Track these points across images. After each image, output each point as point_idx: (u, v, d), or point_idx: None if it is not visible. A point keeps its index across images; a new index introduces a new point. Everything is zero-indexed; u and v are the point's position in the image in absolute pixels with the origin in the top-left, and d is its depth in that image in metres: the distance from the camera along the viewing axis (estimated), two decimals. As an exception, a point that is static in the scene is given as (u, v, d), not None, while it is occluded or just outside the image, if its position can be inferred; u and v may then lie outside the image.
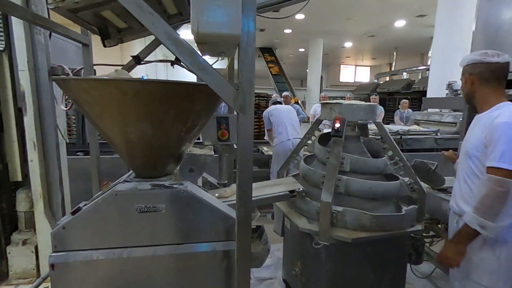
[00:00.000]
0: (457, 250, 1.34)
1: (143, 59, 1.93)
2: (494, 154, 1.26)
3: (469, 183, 1.43)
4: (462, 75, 1.50)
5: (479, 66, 1.41)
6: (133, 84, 1.06)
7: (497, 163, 1.23)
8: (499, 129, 1.26)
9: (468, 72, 1.45)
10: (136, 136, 1.23)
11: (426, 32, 11.20)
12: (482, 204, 1.26)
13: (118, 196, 1.19)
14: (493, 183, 1.23)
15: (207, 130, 1.70)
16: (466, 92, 1.49)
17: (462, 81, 1.50)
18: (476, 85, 1.43)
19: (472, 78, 1.43)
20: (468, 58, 1.46)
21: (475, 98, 1.47)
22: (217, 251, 1.28)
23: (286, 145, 3.66)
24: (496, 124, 1.29)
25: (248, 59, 0.82)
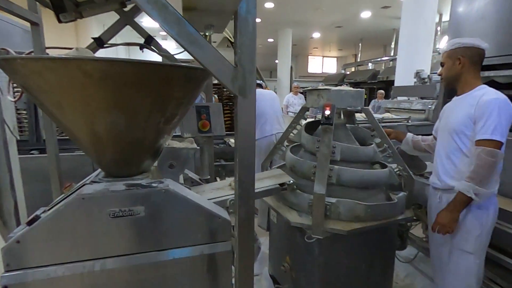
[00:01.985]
0: (451, 217, 1.43)
1: (106, 42, 1.69)
2: (486, 127, 1.36)
3: (454, 159, 1.53)
4: (449, 58, 1.55)
5: (471, 50, 1.50)
6: (99, 65, 0.86)
7: (490, 135, 1.34)
8: (490, 105, 1.37)
9: (461, 54, 1.51)
10: (104, 128, 1.03)
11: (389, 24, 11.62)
12: (476, 174, 1.36)
13: (85, 200, 1.00)
14: (486, 154, 1.34)
15: (186, 121, 1.52)
16: (453, 73, 1.55)
17: (449, 63, 1.55)
18: (466, 67, 1.51)
19: (464, 60, 1.50)
20: (461, 42, 1.52)
21: (460, 80, 1.55)
22: (205, 255, 1.14)
23: (270, 140, 3.43)
24: (486, 101, 1.39)
25: (248, 30, 0.67)
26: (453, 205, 1.43)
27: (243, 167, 0.78)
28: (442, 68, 1.62)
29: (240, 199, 0.80)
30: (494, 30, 2.05)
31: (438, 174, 1.61)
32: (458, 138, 1.50)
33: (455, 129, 1.50)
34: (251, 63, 0.70)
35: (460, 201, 1.41)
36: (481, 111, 1.39)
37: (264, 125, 3.44)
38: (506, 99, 1.40)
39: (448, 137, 1.55)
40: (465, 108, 1.47)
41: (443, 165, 1.57)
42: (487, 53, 2.09)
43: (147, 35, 1.78)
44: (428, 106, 3.89)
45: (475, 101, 1.44)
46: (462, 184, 1.40)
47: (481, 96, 1.43)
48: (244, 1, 0.64)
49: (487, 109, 1.37)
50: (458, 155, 1.51)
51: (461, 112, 1.49)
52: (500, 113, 1.35)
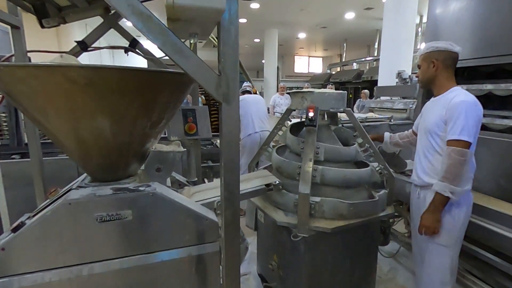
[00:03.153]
0: (434, 218, 1.50)
1: (90, 45, 1.68)
2: (455, 128, 1.44)
3: (429, 158, 1.60)
4: (424, 61, 1.62)
5: (444, 54, 1.58)
6: (85, 72, 0.88)
7: (458, 136, 1.43)
8: (458, 107, 1.45)
9: (434, 57, 1.58)
10: (90, 133, 1.04)
11: (372, 25, 11.87)
12: (449, 173, 1.43)
13: (72, 205, 1.00)
14: (455, 153, 1.42)
15: (173, 124, 1.54)
16: (428, 76, 1.62)
17: (424, 66, 1.63)
18: (439, 70, 1.59)
19: (438, 63, 1.58)
20: (435, 45, 1.59)
21: (434, 82, 1.62)
22: (193, 256, 1.17)
23: (254, 138, 3.50)
24: (455, 103, 1.47)
25: (231, 40, 0.70)
26: (433, 206, 1.50)
27: (228, 170, 0.81)
28: (419, 70, 1.69)
29: (226, 201, 0.83)
30: (469, 34, 2.15)
31: (416, 172, 1.69)
32: (432, 137, 1.58)
33: (429, 129, 1.59)
34: (234, 71, 0.73)
35: (439, 201, 1.47)
36: (451, 112, 1.47)
37: (248, 125, 3.53)
38: (474, 101, 1.47)
39: (424, 136, 1.64)
40: (438, 109, 1.55)
41: (421, 163, 1.65)
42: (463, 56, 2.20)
43: (132, 38, 1.77)
44: (409, 105, 4.02)
45: (446, 103, 1.51)
46: (438, 184, 1.46)
47: (452, 98, 1.50)
48: (226, 13, 0.67)
49: (455, 111, 1.45)
50: (434, 154, 1.58)
51: (435, 113, 1.57)
52: (467, 114, 1.43)
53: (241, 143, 3.54)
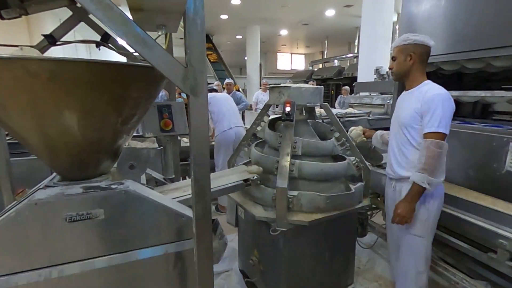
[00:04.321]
0: (409, 208, 1.52)
1: (58, 39, 1.61)
2: (432, 121, 1.45)
3: (404, 151, 1.62)
4: (401, 53, 1.60)
5: (421, 47, 1.57)
6: (46, 65, 0.83)
7: (436, 128, 1.44)
8: (434, 100, 1.46)
9: (411, 50, 1.57)
10: (56, 130, 1.00)
11: (352, 22, 12.07)
12: (427, 165, 1.45)
13: (39, 205, 0.96)
14: (434, 145, 1.44)
15: (148, 120, 1.50)
16: (404, 69, 1.61)
17: (400, 59, 1.61)
18: (415, 63, 1.58)
19: (415, 57, 1.57)
20: (412, 38, 1.57)
21: (409, 75, 1.62)
22: (170, 254, 1.15)
23: (229, 134, 3.47)
24: (431, 96, 1.49)
25: (197, 31, 0.69)
26: (410, 196, 1.51)
27: (197, 164, 0.80)
28: (393, 62, 1.67)
29: (196, 196, 0.82)
30: (440, 30, 2.22)
31: (391, 165, 1.71)
32: (407, 131, 1.59)
33: (404, 123, 1.59)
34: (201, 63, 0.72)
35: (416, 192, 1.49)
36: (427, 105, 1.48)
37: (221, 122, 3.49)
38: (448, 93, 1.50)
39: (398, 130, 1.65)
40: (413, 103, 1.55)
41: (395, 156, 1.67)
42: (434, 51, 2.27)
43: (104, 32, 1.71)
44: (387, 101, 4.13)
45: (421, 96, 1.52)
46: (417, 175, 1.47)
47: (426, 92, 1.52)
48: (191, 3, 0.66)
49: (432, 103, 1.46)
50: (408, 147, 1.60)
51: (409, 106, 1.57)
52: (443, 107, 1.45)
53: (216, 141, 3.50)
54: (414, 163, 1.54)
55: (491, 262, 1.56)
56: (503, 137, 1.74)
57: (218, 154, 3.52)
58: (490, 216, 1.57)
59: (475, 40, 1.89)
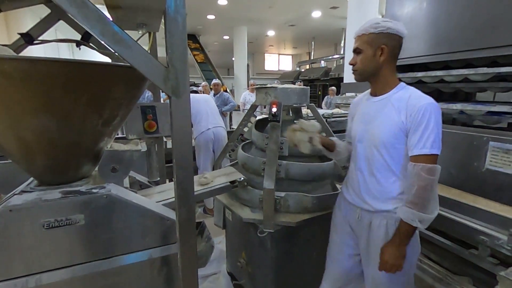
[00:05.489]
0: (400, 253, 1.18)
1: (36, 38, 1.55)
2: (424, 140, 1.12)
3: (379, 177, 1.25)
4: (369, 44, 1.19)
5: (395, 38, 1.19)
6: (19, 64, 0.79)
7: (430, 150, 1.11)
8: (425, 113, 1.12)
9: (384, 42, 1.18)
10: (32, 133, 0.95)
11: (338, 23, 12.25)
12: (419, 197, 1.12)
13: (14, 212, 0.92)
14: (427, 172, 1.10)
15: (131, 121, 1.46)
16: (373, 66, 1.21)
17: (368, 52, 1.20)
18: (388, 60, 1.20)
19: (387, 51, 1.18)
20: (385, 25, 1.17)
21: (378, 75, 1.23)
22: (155, 258, 1.12)
23: (207, 135, 3.43)
24: (420, 106, 1.13)
25: (178, 30, 0.67)
26: (399, 239, 1.18)
27: (180, 167, 0.78)
28: (356, 56, 1.25)
29: (179, 199, 0.80)
30: (422, 32, 2.27)
31: (358, 191, 1.33)
32: (387, 152, 1.21)
33: (384, 142, 1.21)
34: (183, 63, 0.70)
35: (405, 233, 1.17)
36: (416, 119, 1.13)
37: (199, 123, 3.46)
38: (436, 103, 1.17)
39: (373, 150, 1.25)
40: (393, 115, 1.19)
41: (366, 183, 1.29)
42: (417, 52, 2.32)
43: (85, 31, 1.66)
44: (372, 101, 4.19)
45: (403, 106, 1.17)
46: (405, 212, 1.15)
47: (409, 99, 1.17)
48: (172, 0, 0.64)
49: (423, 117, 1.12)
50: (386, 173, 1.24)
51: (388, 120, 1.20)
52: (437, 120, 1.13)
53: (196, 142, 3.47)
54: (392, 194, 1.24)
55: (473, 258, 1.60)
56: (483, 137, 1.79)
57: (198, 155, 3.48)
58: (471, 214, 1.61)
59: (455, 42, 1.94)
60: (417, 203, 1.13)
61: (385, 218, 1.25)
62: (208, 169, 3.31)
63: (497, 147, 1.72)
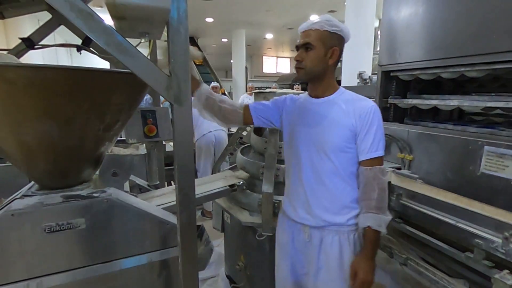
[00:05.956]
0: (372, 266, 1.11)
1: (37, 43, 1.56)
2: (375, 142, 1.11)
3: (329, 185, 1.17)
4: (322, 43, 1.11)
5: (342, 42, 1.17)
6: (23, 72, 0.81)
7: (382, 151, 1.12)
8: (373, 115, 1.11)
9: (336, 44, 1.13)
10: (35, 138, 0.97)
11: (336, 27, 12.31)
12: (382, 201, 1.10)
13: (15, 216, 0.93)
14: (382, 173, 1.11)
15: (131, 126, 1.48)
16: (322, 67, 1.14)
17: (320, 51, 1.11)
18: (334, 64, 1.16)
19: (337, 54, 1.14)
20: (339, 26, 1.14)
21: (324, 78, 1.17)
22: (154, 262, 1.14)
23: (208, 138, 3.45)
24: (367, 109, 1.11)
25: (180, 40, 0.69)
26: (372, 251, 1.11)
27: (182, 173, 0.79)
28: (303, 52, 1.14)
29: (181, 204, 0.82)
30: (418, 37, 2.31)
31: (306, 205, 1.21)
32: (336, 157, 1.14)
33: (334, 146, 1.14)
34: (185, 72, 0.72)
35: (376, 242, 1.11)
36: (367, 121, 1.10)
37: (201, 125, 3.47)
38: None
39: (321, 155, 1.16)
40: (342, 117, 1.13)
41: (314, 193, 1.18)
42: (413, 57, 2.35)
43: (85, 36, 1.68)
44: (369, 104, 4.23)
45: (351, 108, 1.12)
46: (371, 218, 1.09)
47: (356, 101, 1.14)
48: (175, 12, 0.66)
49: (373, 119, 1.11)
50: (335, 180, 1.16)
51: (338, 122, 1.14)
52: (380, 122, 1.13)
53: (196, 145, 3.48)
54: (344, 202, 1.17)
55: (468, 261, 1.62)
56: (478, 141, 1.82)
57: (199, 158, 3.49)
58: (466, 217, 1.64)
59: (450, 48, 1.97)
60: (381, 207, 1.10)
61: (337, 234, 1.17)
62: (208, 173, 3.32)
63: (492, 151, 1.75)
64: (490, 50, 1.72)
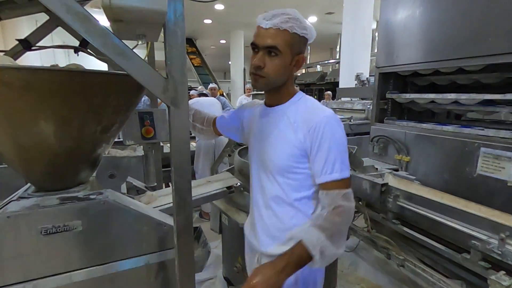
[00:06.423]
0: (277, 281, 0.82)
1: (34, 44, 1.56)
2: (331, 162, 0.89)
3: (276, 209, 1.00)
4: (288, 47, 0.91)
5: (305, 43, 0.97)
6: (20, 74, 0.81)
7: (341, 173, 0.89)
8: (327, 128, 0.90)
9: (302, 50, 0.96)
10: (31, 140, 0.97)
11: (334, 29, 12.37)
12: (332, 224, 0.86)
13: (11, 218, 0.93)
14: (343, 198, 0.88)
15: (128, 127, 1.47)
16: (286, 77, 0.97)
17: (286, 57, 0.92)
18: (294, 71, 1.00)
19: (301, 61, 0.97)
20: (307, 27, 0.96)
21: (282, 87, 0.99)
22: (152, 264, 1.13)
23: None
24: (319, 121, 0.91)
25: (177, 43, 0.69)
26: (284, 262, 0.83)
27: (178, 175, 0.79)
28: (265, 57, 0.91)
29: (177, 207, 0.82)
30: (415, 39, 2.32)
31: (255, 230, 1.09)
32: (284, 179, 0.96)
33: (280, 166, 0.95)
34: (182, 74, 0.72)
35: (297, 260, 0.84)
36: (317, 137, 0.90)
37: None
38: (336, 115, 0.97)
39: (268, 176, 1.00)
40: (288, 131, 0.95)
41: (262, 218, 1.04)
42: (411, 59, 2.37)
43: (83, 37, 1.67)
44: (367, 106, 4.25)
45: (300, 120, 0.94)
46: (310, 233, 0.85)
47: (306, 112, 0.95)
48: (171, 14, 0.66)
49: (324, 134, 0.89)
50: (283, 205, 0.98)
51: (283, 138, 0.95)
52: (340, 137, 0.92)
53: (196, 146, 3.47)
54: (290, 230, 0.96)
55: (465, 262, 1.63)
56: (475, 142, 1.83)
57: (197, 159, 3.49)
58: (463, 218, 1.65)
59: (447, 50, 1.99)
60: (327, 229, 0.85)
61: None
62: (206, 174, 3.31)
63: (488, 153, 1.77)
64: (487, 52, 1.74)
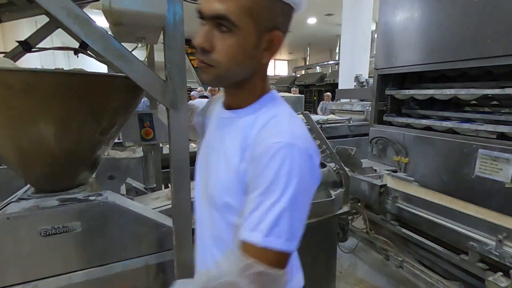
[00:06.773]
0: None
1: (34, 46, 1.56)
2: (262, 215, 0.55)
3: (213, 251, 0.72)
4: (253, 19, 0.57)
5: (289, 14, 0.63)
6: (21, 76, 0.82)
7: (268, 237, 0.54)
8: (276, 164, 0.55)
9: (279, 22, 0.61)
10: (31, 141, 0.97)
11: (333, 30, 12.39)
12: None
13: (11, 219, 0.93)
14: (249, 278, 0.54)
15: (128, 129, 1.48)
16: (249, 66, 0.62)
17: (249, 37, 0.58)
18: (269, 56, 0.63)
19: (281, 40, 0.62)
20: None
21: (247, 83, 0.66)
22: (150, 265, 1.14)
23: None
24: (269, 146, 0.57)
25: (176, 46, 0.70)
26: None
27: (177, 177, 0.80)
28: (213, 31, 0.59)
29: (176, 208, 0.82)
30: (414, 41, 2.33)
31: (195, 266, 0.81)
32: (222, 217, 0.67)
33: (215, 200, 0.67)
34: (181, 77, 0.73)
35: None
36: (258, 168, 0.58)
37: None
38: (307, 146, 0.58)
39: (208, 210, 0.71)
40: (235, 153, 0.64)
41: (199, 256, 0.77)
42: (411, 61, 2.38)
43: (82, 39, 1.68)
44: (366, 107, 4.26)
45: (250, 137, 0.63)
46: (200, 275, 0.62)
47: (262, 127, 0.62)
48: (171, 17, 0.67)
49: (269, 171, 0.56)
50: (223, 248, 0.69)
51: (225, 159, 0.66)
52: (299, 181, 0.56)
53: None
54: None
55: (463, 263, 1.63)
56: (473, 144, 1.84)
57: None
58: (461, 220, 1.65)
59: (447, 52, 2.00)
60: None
61: None
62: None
63: (486, 154, 1.78)
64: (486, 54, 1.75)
